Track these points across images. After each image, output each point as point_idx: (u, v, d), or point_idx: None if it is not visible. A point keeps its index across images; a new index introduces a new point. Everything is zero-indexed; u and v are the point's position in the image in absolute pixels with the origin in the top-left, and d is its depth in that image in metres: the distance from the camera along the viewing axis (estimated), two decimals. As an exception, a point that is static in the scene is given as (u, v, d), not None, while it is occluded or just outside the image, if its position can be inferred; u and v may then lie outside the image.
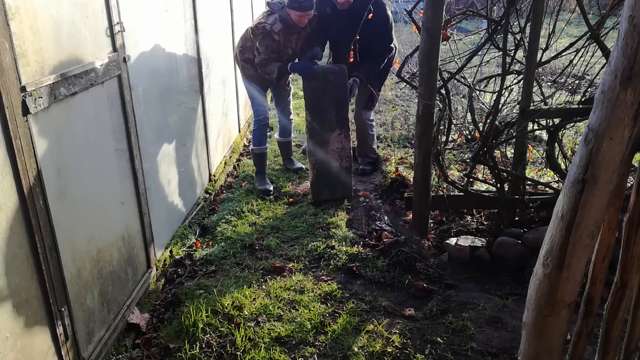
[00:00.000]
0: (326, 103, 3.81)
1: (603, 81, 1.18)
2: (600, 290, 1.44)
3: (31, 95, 1.67)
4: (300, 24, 3.81)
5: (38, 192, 1.71)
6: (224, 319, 2.51)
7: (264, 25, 3.80)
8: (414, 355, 2.26)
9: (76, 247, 2.01)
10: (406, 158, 4.63)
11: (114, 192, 2.35)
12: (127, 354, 2.30)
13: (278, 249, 3.23)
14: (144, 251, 2.71)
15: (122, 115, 2.42)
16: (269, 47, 3.82)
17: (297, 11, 3.69)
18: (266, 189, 4.11)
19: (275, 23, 3.79)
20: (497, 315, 2.53)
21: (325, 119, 3.84)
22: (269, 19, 3.82)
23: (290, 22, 3.80)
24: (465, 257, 2.99)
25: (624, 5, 1.11)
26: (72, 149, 1.98)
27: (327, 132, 3.85)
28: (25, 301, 1.67)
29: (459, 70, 2.98)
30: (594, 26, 2.46)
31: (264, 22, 3.81)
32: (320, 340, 2.38)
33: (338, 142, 3.87)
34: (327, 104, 3.81)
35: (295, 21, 3.78)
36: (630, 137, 1.17)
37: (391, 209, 3.81)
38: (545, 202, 3.02)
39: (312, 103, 3.84)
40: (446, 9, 2.82)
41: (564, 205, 1.30)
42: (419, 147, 3.07)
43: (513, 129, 3.01)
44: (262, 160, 4.28)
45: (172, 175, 3.28)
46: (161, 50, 3.11)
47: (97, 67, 2.13)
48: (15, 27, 1.60)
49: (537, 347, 1.50)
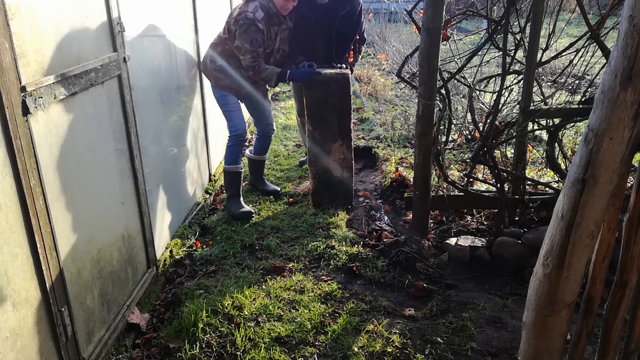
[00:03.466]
0: (328, 113, 3.65)
1: (603, 81, 1.18)
2: (600, 290, 1.44)
3: (31, 95, 1.67)
4: (284, 10, 3.45)
5: (38, 192, 1.71)
6: (224, 319, 2.51)
7: (246, 13, 3.36)
8: (414, 355, 2.27)
9: (76, 247, 2.01)
10: (406, 158, 4.63)
11: (114, 192, 2.35)
12: (127, 354, 2.30)
13: (278, 249, 3.23)
14: (144, 251, 2.72)
15: (122, 115, 2.42)
16: (254, 41, 3.38)
17: None
18: (249, 211, 3.65)
19: (257, 10, 3.37)
20: (497, 315, 2.53)
21: (327, 129, 3.69)
22: (249, 7, 3.40)
23: (271, 9, 3.43)
24: (465, 257, 2.99)
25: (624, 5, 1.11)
26: (72, 149, 1.98)
27: (329, 142, 3.72)
28: (25, 301, 1.67)
29: (459, 70, 2.98)
30: (594, 26, 2.46)
31: (244, 11, 3.39)
32: (320, 340, 2.38)
33: (340, 152, 3.75)
34: (329, 113, 3.65)
35: (280, 7, 3.43)
36: (630, 137, 1.18)
37: (391, 209, 3.81)
38: (545, 202, 3.02)
39: (313, 112, 3.69)
40: (446, 9, 2.82)
41: (564, 205, 1.30)
42: (419, 147, 3.07)
43: (513, 129, 3.02)
44: (237, 180, 3.75)
45: (172, 175, 3.28)
46: (161, 50, 3.11)
47: (97, 67, 2.13)
48: (15, 27, 1.60)
49: (537, 347, 1.50)
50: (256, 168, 4.15)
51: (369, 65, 9.14)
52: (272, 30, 3.49)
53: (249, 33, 3.37)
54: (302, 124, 4.48)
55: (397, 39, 9.29)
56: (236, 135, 3.70)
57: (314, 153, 3.75)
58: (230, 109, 3.70)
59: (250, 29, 3.36)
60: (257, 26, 3.36)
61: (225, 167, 3.74)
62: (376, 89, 7.52)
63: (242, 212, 3.62)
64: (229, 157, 3.72)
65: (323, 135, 3.71)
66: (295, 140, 5.57)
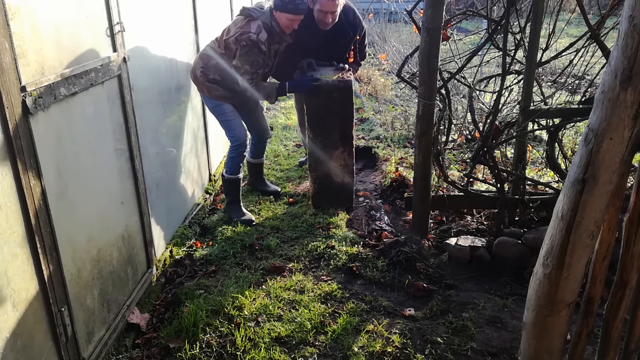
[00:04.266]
0: (330, 121, 3.52)
1: (603, 81, 1.18)
2: (600, 290, 1.44)
3: (31, 95, 1.67)
4: (288, 29, 3.36)
5: (38, 192, 1.71)
6: (224, 319, 2.51)
7: (249, 35, 3.24)
8: (414, 355, 2.27)
9: (76, 247, 2.01)
10: (406, 158, 4.63)
11: (114, 192, 2.35)
12: (127, 354, 2.30)
13: (278, 249, 3.23)
14: (144, 251, 2.72)
15: (122, 115, 2.42)
16: (255, 62, 3.28)
17: (291, 14, 3.26)
18: (249, 219, 3.59)
19: (260, 32, 3.26)
20: (497, 315, 2.53)
21: (329, 137, 3.57)
22: (252, 27, 3.28)
23: (275, 29, 3.33)
24: (465, 257, 2.99)
25: (624, 5, 1.11)
26: (72, 149, 1.98)
27: (330, 150, 3.61)
28: (25, 301, 1.67)
29: (459, 70, 2.98)
30: (594, 26, 2.46)
31: (247, 32, 3.25)
32: (320, 340, 2.38)
33: (341, 159, 3.65)
34: (331, 122, 3.52)
35: (284, 26, 3.33)
36: (630, 137, 1.17)
37: (391, 209, 3.81)
38: (545, 202, 3.02)
39: (314, 120, 3.54)
40: (446, 9, 2.82)
41: (564, 205, 1.30)
42: (419, 147, 3.07)
43: (513, 129, 3.02)
44: (237, 187, 3.67)
45: (172, 175, 3.28)
46: (161, 50, 3.11)
47: (97, 67, 2.13)
48: (15, 27, 1.60)
49: (537, 347, 1.50)
50: (255, 170, 4.13)
51: (369, 65, 9.14)
52: (272, 48, 3.42)
53: (250, 55, 3.26)
54: (303, 126, 4.48)
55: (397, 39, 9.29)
56: (238, 146, 3.60)
57: (314, 158, 3.65)
58: (228, 118, 3.58)
59: (252, 51, 3.25)
60: (259, 48, 3.26)
61: (226, 175, 3.67)
62: (376, 89, 7.52)
63: (242, 220, 3.59)
64: (230, 167, 3.63)
65: (324, 142, 3.60)
66: (295, 140, 5.57)
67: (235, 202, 3.70)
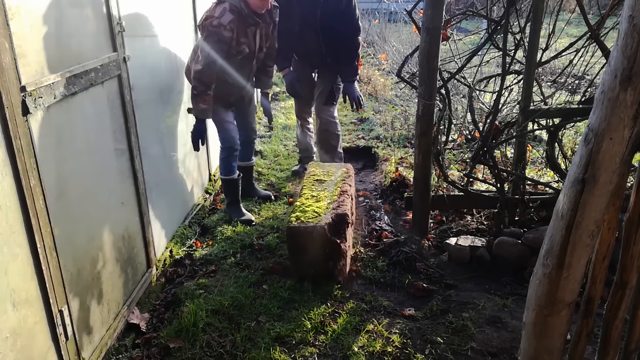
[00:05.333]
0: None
1: (603, 81, 1.18)
2: (600, 290, 1.44)
3: (31, 95, 1.67)
4: (259, 9, 3.16)
5: (38, 192, 1.71)
6: (224, 319, 2.51)
7: (211, 20, 3.07)
8: (414, 355, 2.26)
9: (76, 247, 2.01)
10: (406, 158, 4.63)
11: (114, 192, 2.35)
12: (127, 354, 2.30)
13: (278, 249, 3.23)
14: (144, 251, 2.72)
15: (122, 115, 2.42)
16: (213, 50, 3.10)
17: None
18: (249, 219, 3.58)
19: (224, 14, 3.06)
20: (497, 315, 2.53)
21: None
22: (216, 11, 3.09)
23: (244, 10, 3.12)
24: (465, 257, 2.99)
25: (624, 5, 1.11)
26: (72, 149, 1.98)
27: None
28: (25, 301, 1.67)
29: (459, 70, 2.98)
30: (594, 26, 2.46)
31: (211, 17, 3.09)
32: (320, 340, 2.38)
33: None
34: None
35: (255, 7, 3.14)
36: (630, 137, 1.18)
37: (391, 209, 3.81)
38: (545, 202, 3.02)
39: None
40: (446, 9, 2.82)
41: (564, 205, 1.30)
42: (419, 147, 3.07)
43: (513, 129, 3.02)
44: (235, 187, 3.64)
45: (172, 175, 3.28)
46: (161, 50, 3.11)
47: (97, 67, 2.13)
48: (15, 27, 1.60)
49: (537, 347, 1.50)
50: (244, 175, 3.88)
51: (369, 65, 9.14)
52: (250, 31, 3.24)
53: (210, 41, 3.09)
54: (302, 125, 4.47)
55: (397, 38, 9.28)
56: (227, 148, 3.55)
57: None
58: (220, 118, 3.52)
59: (211, 37, 3.08)
60: (221, 35, 3.08)
61: (222, 177, 3.67)
62: (376, 89, 7.52)
63: (242, 220, 3.59)
64: (223, 169, 3.62)
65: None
66: (295, 140, 5.56)
67: (235, 202, 3.70)
